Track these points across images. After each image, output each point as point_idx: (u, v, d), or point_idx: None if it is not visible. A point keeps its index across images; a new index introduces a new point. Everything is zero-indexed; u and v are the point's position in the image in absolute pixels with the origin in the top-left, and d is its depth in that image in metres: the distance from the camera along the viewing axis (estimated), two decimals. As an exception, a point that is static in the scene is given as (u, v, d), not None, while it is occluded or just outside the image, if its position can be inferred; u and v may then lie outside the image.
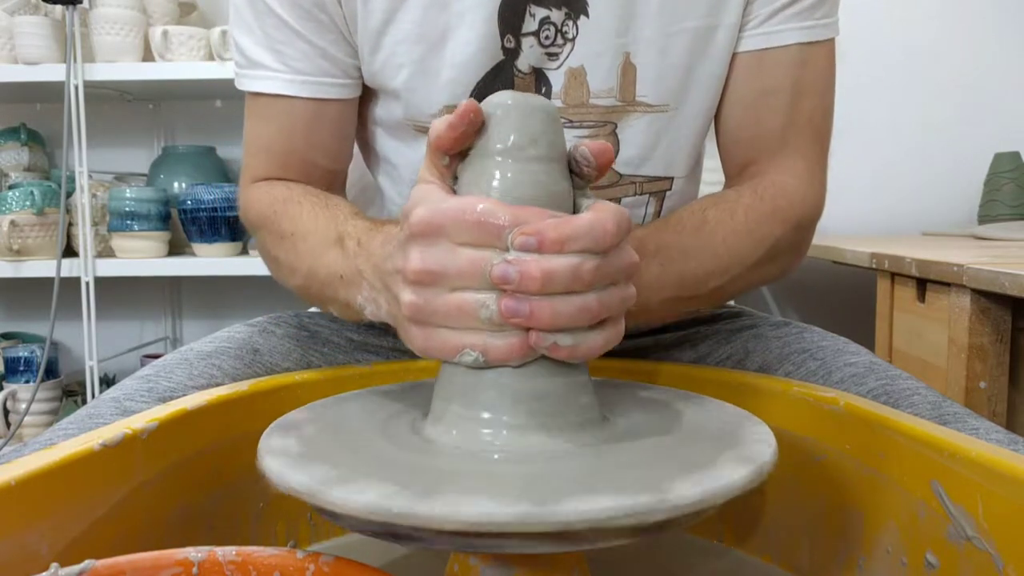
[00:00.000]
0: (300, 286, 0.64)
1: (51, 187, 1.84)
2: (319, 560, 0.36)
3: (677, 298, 0.61)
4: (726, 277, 0.63)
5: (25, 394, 1.80)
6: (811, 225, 0.70)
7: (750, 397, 0.58)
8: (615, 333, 0.42)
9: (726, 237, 0.63)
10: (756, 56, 0.69)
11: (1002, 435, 0.54)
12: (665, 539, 0.58)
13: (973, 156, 1.82)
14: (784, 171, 0.69)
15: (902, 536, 0.46)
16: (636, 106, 0.68)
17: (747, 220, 0.64)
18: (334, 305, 0.61)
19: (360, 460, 0.39)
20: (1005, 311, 1.03)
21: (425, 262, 0.40)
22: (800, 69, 0.69)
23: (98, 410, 0.57)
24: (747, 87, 0.70)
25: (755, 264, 0.65)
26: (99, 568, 0.34)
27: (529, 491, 0.34)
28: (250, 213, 0.71)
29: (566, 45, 0.66)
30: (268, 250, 0.69)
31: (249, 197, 0.71)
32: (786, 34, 0.68)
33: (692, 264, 0.61)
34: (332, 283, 0.58)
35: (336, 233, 0.59)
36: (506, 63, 0.66)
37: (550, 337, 0.39)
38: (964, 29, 1.85)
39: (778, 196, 0.67)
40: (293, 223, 0.64)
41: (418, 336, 0.41)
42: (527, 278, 0.38)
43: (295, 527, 0.58)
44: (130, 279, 1.92)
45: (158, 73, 1.75)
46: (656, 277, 0.59)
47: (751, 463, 0.37)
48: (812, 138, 0.71)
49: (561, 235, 0.38)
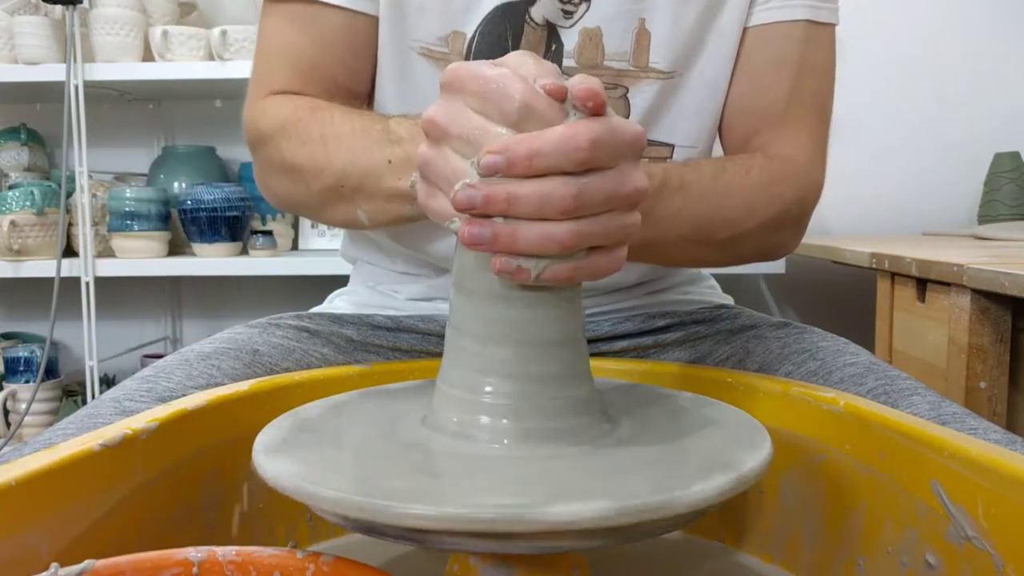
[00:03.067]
0: (326, 188, 0.62)
1: (51, 187, 1.84)
2: (319, 560, 0.36)
3: (691, 239, 0.62)
4: (739, 229, 0.64)
5: (25, 394, 1.80)
6: (813, 202, 0.72)
7: (750, 397, 0.58)
8: (608, 262, 0.39)
9: (743, 189, 0.64)
10: (766, 28, 0.71)
11: (1000, 435, 0.54)
12: (665, 539, 0.58)
13: (973, 156, 1.82)
14: (788, 144, 0.71)
15: (902, 536, 0.46)
16: (648, 72, 0.69)
17: (761, 177, 0.65)
18: (371, 200, 0.60)
19: (353, 458, 0.39)
20: (1005, 311, 1.03)
21: (436, 114, 0.39)
22: (805, 46, 0.71)
23: (98, 410, 0.57)
24: (756, 57, 0.72)
25: (765, 224, 0.66)
26: (99, 568, 0.34)
27: (517, 493, 0.34)
28: (262, 123, 0.67)
29: (581, 5, 0.67)
30: (284, 159, 0.65)
31: (264, 107, 0.68)
32: (796, 9, 0.70)
33: (710, 207, 0.62)
34: (375, 172, 0.58)
35: (381, 126, 0.59)
36: (519, 6, 0.67)
37: (513, 261, 0.38)
38: (964, 29, 1.85)
39: (786, 164, 0.69)
40: (323, 126, 0.62)
41: (422, 191, 0.41)
42: (491, 202, 0.36)
43: (295, 527, 0.58)
44: (130, 279, 1.92)
45: (158, 73, 1.75)
46: (677, 211, 0.59)
47: (733, 471, 0.37)
48: (815, 115, 0.72)
49: (530, 150, 0.36)
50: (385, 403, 0.49)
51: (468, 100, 0.38)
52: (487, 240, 0.37)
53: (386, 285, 0.80)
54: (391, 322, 0.75)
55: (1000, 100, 1.86)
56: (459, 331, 0.42)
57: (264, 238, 1.80)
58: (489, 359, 0.41)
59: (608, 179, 0.37)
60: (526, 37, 0.67)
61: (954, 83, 1.86)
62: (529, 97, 0.37)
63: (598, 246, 0.39)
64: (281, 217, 1.93)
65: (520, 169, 0.36)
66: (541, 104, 0.37)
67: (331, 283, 0.94)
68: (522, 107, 0.37)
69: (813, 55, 0.72)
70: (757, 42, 0.71)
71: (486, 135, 0.37)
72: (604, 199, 0.37)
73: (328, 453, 0.40)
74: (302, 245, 1.98)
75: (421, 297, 0.78)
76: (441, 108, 0.39)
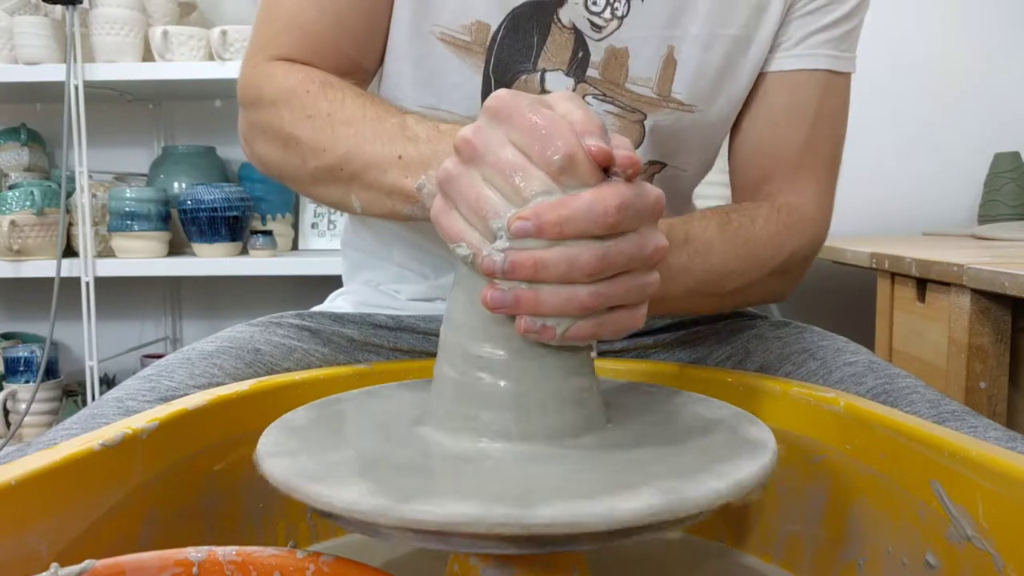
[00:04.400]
0: (323, 167, 0.61)
1: (51, 187, 1.84)
2: (319, 560, 0.36)
3: (698, 292, 0.62)
4: (744, 279, 0.64)
5: (25, 394, 1.80)
6: (816, 250, 0.72)
7: (750, 397, 0.58)
8: (629, 319, 0.40)
9: (747, 239, 0.64)
10: (788, 75, 0.71)
11: (1000, 432, 0.54)
12: (665, 539, 0.58)
13: (973, 156, 1.82)
14: (798, 193, 0.71)
15: (902, 536, 0.46)
16: (669, 102, 0.69)
17: (767, 228, 0.66)
18: (370, 191, 0.59)
19: (350, 458, 0.39)
20: (1005, 311, 1.03)
21: (474, 137, 0.39)
22: (823, 95, 0.71)
23: (101, 410, 0.57)
24: (775, 103, 0.72)
25: (770, 272, 0.66)
26: (99, 568, 0.34)
27: (518, 493, 0.34)
28: (267, 87, 0.65)
29: (612, 21, 0.66)
30: (283, 127, 0.63)
31: (271, 71, 0.66)
32: (818, 58, 0.70)
33: (716, 260, 0.62)
34: (381, 165, 0.57)
35: (396, 120, 0.58)
36: (549, 5, 0.66)
37: (538, 321, 0.38)
38: (964, 29, 1.85)
39: (792, 213, 0.69)
40: (332, 105, 0.61)
41: (438, 204, 0.41)
42: (518, 269, 0.36)
43: (295, 527, 0.58)
44: (130, 279, 1.92)
45: (158, 73, 1.75)
46: (683, 266, 0.59)
47: (735, 474, 0.37)
48: (827, 165, 0.73)
49: (560, 216, 0.36)
50: (384, 403, 0.49)
51: (511, 134, 0.38)
52: (509, 304, 0.37)
53: (387, 285, 0.80)
54: (392, 321, 0.75)
55: (1000, 100, 1.86)
56: (454, 326, 0.42)
57: (264, 238, 1.80)
58: (488, 359, 0.41)
59: (631, 242, 0.38)
60: (552, 38, 0.66)
61: (954, 83, 1.86)
62: (575, 152, 0.37)
63: (619, 304, 0.39)
64: (281, 217, 1.93)
65: (549, 235, 0.36)
66: (583, 162, 0.37)
67: (331, 283, 0.94)
68: (565, 159, 0.36)
69: (830, 104, 0.72)
70: (777, 87, 0.71)
71: (520, 173, 0.37)
72: (626, 261, 0.38)
73: (327, 455, 0.40)
74: (302, 245, 1.98)
75: (422, 297, 0.78)
76: (480, 132, 0.39)
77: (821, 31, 0.70)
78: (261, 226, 1.89)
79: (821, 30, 0.70)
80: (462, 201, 0.39)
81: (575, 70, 0.67)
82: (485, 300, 0.38)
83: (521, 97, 0.39)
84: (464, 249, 0.39)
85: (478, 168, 0.39)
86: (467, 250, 0.39)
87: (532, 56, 0.67)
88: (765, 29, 0.69)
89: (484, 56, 0.67)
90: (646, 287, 0.40)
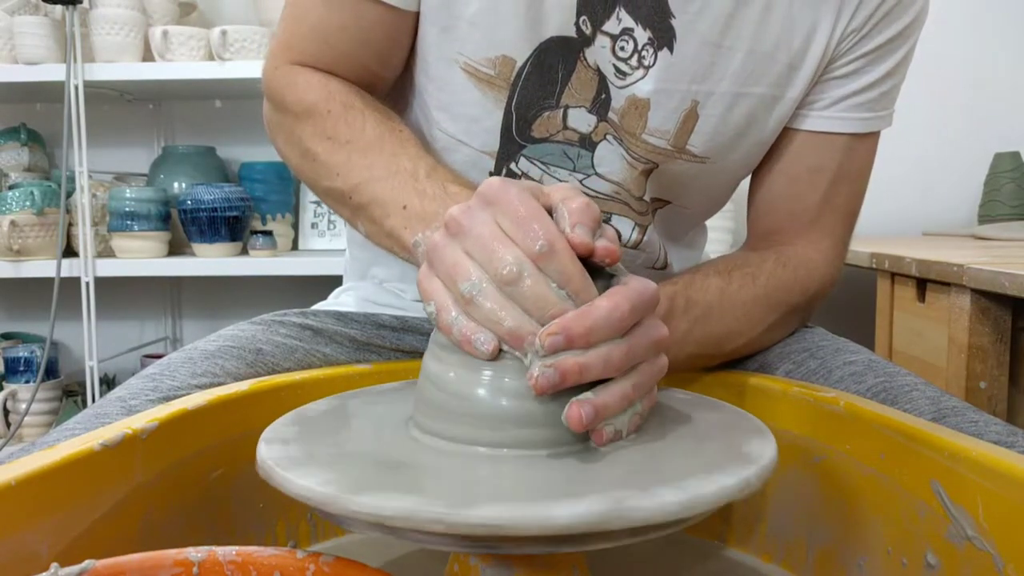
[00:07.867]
0: (335, 189, 0.63)
1: (51, 187, 1.84)
2: (319, 560, 0.36)
3: (698, 355, 0.62)
4: (742, 340, 0.65)
5: (25, 394, 1.80)
6: (823, 296, 0.72)
7: (750, 397, 0.58)
8: (648, 400, 0.43)
9: (746, 302, 0.64)
10: (813, 136, 0.70)
11: (1001, 427, 0.54)
12: (665, 539, 0.58)
13: (973, 156, 1.82)
14: (810, 246, 0.71)
15: (902, 536, 0.46)
16: (683, 154, 0.68)
17: (767, 286, 0.66)
18: (373, 225, 0.61)
19: (332, 451, 0.40)
20: (1005, 311, 1.03)
21: (462, 214, 0.42)
22: (847, 155, 0.70)
23: (104, 410, 0.57)
24: (798, 162, 0.71)
25: (768, 328, 0.67)
26: (99, 568, 0.34)
27: (518, 494, 0.34)
28: (289, 95, 0.67)
29: (639, 70, 0.64)
30: (302, 141, 0.65)
31: (293, 79, 0.67)
32: (849, 122, 0.69)
33: (715, 325, 0.62)
34: (385, 207, 0.59)
35: (411, 165, 0.60)
36: (576, 43, 0.64)
37: (599, 425, 0.41)
38: (964, 30, 1.85)
39: (800, 267, 0.69)
40: (352, 131, 0.63)
41: (423, 270, 0.44)
42: (567, 377, 0.39)
43: (295, 527, 0.58)
44: (130, 279, 1.92)
45: (158, 73, 1.75)
46: (684, 333, 0.60)
47: (735, 474, 0.36)
48: (842, 219, 0.73)
49: (586, 328, 0.39)
50: (384, 403, 0.49)
51: (498, 217, 0.41)
52: (575, 418, 0.39)
53: (392, 283, 0.80)
54: (397, 322, 0.75)
55: (1000, 100, 1.86)
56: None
57: (264, 238, 1.80)
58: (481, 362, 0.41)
59: (643, 335, 0.42)
60: (578, 75, 0.65)
61: (954, 83, 1.86)
62: (555, 242, 0.40)
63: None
64: (281, 217, 1.93)
65: (579, 344, 0.39)
66: (562, 252, 0.40)
67: (331, 283, 0.94)
68: (545, 247, 0.40)
69: (853, 162, 0.71)
70: (802, 145, 0.70)
71: (500, 246, 0.40)
72: (644, 352, 0.42)
73: (320, 447, 0.41)
74: (302, 245, 1.98)
75: (426, 298, 0.78)
76: (469, 213, 0.42)
77: (855, 94, 0.68)
78: (261, 226, 1.89)
79: (856, 93, 0.68)
80: (441, 269, 0.42)
81: (598, 109, 0.66)
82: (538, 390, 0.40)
83: (512, 185, 0.42)
84: (431, 307, 0.42)
85: (460, 242, 0.42)
86: (433, 308, 0.42)
87: (556, 92, 0.66)
88: (796, 88, 0.67)
89: (508, 91, 0.66)
90: (662, 370, 0.44)
